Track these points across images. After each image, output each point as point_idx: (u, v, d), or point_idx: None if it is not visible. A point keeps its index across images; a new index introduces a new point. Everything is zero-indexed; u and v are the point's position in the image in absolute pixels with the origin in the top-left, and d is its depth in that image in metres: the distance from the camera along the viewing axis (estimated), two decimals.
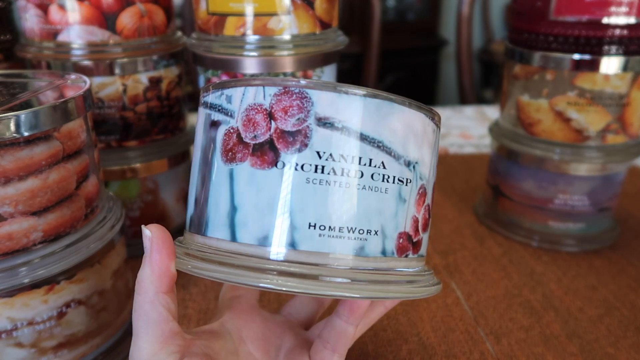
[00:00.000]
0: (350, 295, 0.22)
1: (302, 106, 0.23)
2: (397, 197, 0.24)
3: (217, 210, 0.24)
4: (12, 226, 0.29)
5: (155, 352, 0.24)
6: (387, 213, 0.24)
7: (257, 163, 0.23)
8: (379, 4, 1.33)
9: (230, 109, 0.24)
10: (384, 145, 0.23)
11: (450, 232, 0.55)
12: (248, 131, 0.23)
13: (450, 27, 2.26)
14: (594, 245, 0.52)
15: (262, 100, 0.23)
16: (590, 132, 0.48)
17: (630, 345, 0.39)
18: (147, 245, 0.25)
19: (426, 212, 0.26)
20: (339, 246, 0.23)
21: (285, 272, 0.22)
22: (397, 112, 0.24)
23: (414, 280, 0.25)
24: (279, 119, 0.23)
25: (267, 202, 0.23)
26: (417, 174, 0.25)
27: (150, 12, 0.45)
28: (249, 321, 0.31)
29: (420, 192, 0.25)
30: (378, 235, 0.23)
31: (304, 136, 0.23)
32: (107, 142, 0.46)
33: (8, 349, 0.31)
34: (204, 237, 0.25)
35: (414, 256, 0.25)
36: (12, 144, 0.28)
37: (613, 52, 0.45)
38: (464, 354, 0.38)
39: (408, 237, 0.25)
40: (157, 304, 0.24)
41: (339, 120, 0.23)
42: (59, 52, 0.43)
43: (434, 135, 0.26)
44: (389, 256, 0.24)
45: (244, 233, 0.23)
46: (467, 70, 1.32)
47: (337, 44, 0.44)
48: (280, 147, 0.23)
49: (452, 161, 0.75)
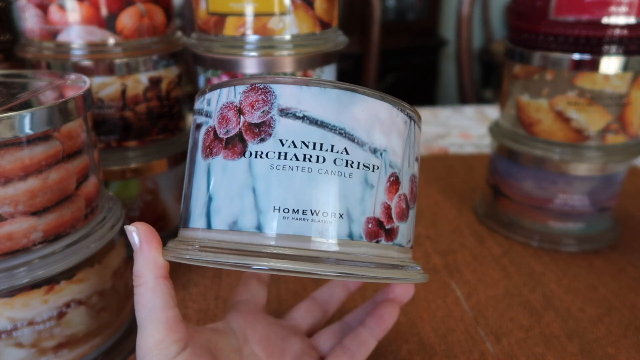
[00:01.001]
0: (323, 272, 0.23)
1: (267, 100, 0.24)
2: (362, 182, 0.25)
3: (197, 203, 0.26)
4: (12, 226, 0.29)
5: (161, 338, 0.25)
6: (352, 197, 0.24)
7: (228, 155, 0.25)
8: (379, 4, 1.33)
9: (209, 110, 0.26)
10: (346, 132, 0.25)
11: (450, 232, 0.55)
12: (222, 127, 0.25)
13: (450, 27, 2.26)
14: (594, 245, 0.52)
15: (233, 98, 0.25)
16: (590, 132, 0.48)
17: (630, 345, 0.39)
18: (135, 241, 0.26)
19: (401, 201, 0.26)
20: (303, 228, 0.24)
21: (255, 253, 0.23)
22: (358, 101, 0.25)
23: (399, 265, 0.26)
24: (247, 113, 0.25)
25: (236, 190, 0.24)
26: (385, 161, 0.26)
27: (150, 12, 0.45)
28: (254, 323, 0.31)
29: (391, 180, 0.26)
30: (343, 219, 0.24)
31: (268, 126, 0.24)
32: (107, 142, 0.46)
33: (8, 349, 0.31)
34: (187, 229, 0.26)
35: (388, 243, 0.26)
36: (12, 144, 0.28)
37: (613, 52, 0.45)
38: (464, 354, 0.38)
39: (378, 222, 0.25)
40: (158, 290, 0.25)
41: (300, 110, 0.24)
42: (59, 52, 0.43)
43: (406, 127, 0.27)
44: (357, 239, 0.25)
45: (217, 220, 0.25)
46: (467, 70, 1.32)
47: (337, 44, 0.44)
48: (247, 139, 0.25)
49: (452, 161, 0.75)
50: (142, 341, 0.25)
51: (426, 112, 0.99)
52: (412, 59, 2.20)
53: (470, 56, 1.32)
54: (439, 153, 0.79)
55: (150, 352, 0.25)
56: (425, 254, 0.51)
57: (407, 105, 0.27)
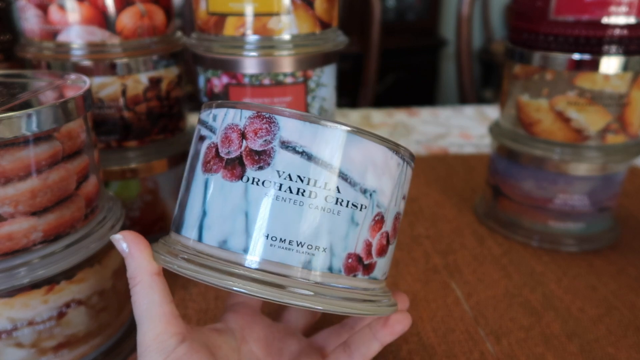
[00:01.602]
0: (295, 302, 0.24)
1: (270, 130, 0.25)
2: (349, 220, 0.26)
3: (192, 213, 0.27)
4: (12, 226, 0.29)
5: (160, 332, 0.26)
6: (337, 233, 0.26)
7: (227, 175, 0.26)
8: (379, 4, 1.33)
9: (214, 126, 0.27)
10: (341, 172, 0.26)
11: (450, 232, 0.55)
12: (224, 147, 0.26)
13: (450, 27, 2.26)
14: (594, 245, 0.52)
15: (239, 121, 0.26)
16: (590, 132, 0.48)
17: (630, 345, 0.39)
18: (123, 247, 0.27)
19: (383, 238, 0.28)
20: (287, 257, 0.25)
21: (238, 275, 0.25)
22: (358, 143, 0.26)
23: (371, 300, 0.27)
24: (250, 139, 0.26)
25: (229, 210, 0.25)
26: (373, 201, 0.27)
27: (150, 12, 0.45)
28: (252, 323, 0.31)
29: (376, 219, 0.27)
30: (326, 252, 0.25)
31: (268, 156, 0.25)
32: (107, 142, 0.46)
33: (8, 349, 0.31)
34: (178, 235, 0.28)
35: (364, 277, 0.27)
36: (12, 144, 0.28)
37: (613, 52, 0.45)
38: (464, 354, 0.38)
39: (358, 258, 0.27)
40: (154, 286, 0.26)
41: (300, 145, 0.25)
42: (59, 52, 0.43)
43: (398, 169, 0.28)
44: (336, 273, 0.26)
45: (208, 235, 0.26)
46: (467, 70, 1.32)
47: (337, 44, 0.44)
48: (247, 164, 0.25)
49: (452, 161, 0.75)
50: (141, 336, 0.26)
51: (426, 112, 0.99)
52: (412, 59, 2.20)
53: (470, 56, 1.32)
54: (439, 153, 0.79)
55: (149, 346, 0.26)
56: (425, 254, 0.51)
57: (402, 147, 0.28)
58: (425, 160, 0.75)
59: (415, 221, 0.57)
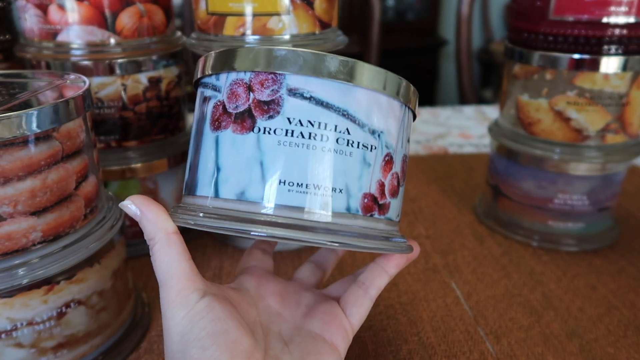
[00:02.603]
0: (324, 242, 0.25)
1: (276, 79, 0.26)
2: (361, 160, 0.27)
3: (205, 172, 0.27)
4: (11, 226, 0.29)
5: (182, 288, 0.26)
6: (351, 174, 0.26)
7: (237, 129, 0.26)
8: (378, 3, 1.33)
9: (218, 85, 0.28)
10: (349, 114, 0.26)
11: (450, 232, 0.55)
12: (231, 102, 0.27)
13: (449, 27, 2.26)
14: (594, 245, 0.52)
15: (244, 75, 0.27)
16: (590, 131, 0.48)
17: (630, 345, 0.39)
18: (134, 211, 0.27)
19: (394, 179, 0.29)
20: (305, 200, 0.26)
21: (258, 221, 0.25)
22: (361, 88, 0.27)
23: (387, 237, 0.28)
24: (257, 91, 0.26)
25: (244, 162, 0.26)
26: (382, 142, 0.27)
27: (150, 12, 0.45)
28: (265, 282, 0.32)
29: (386, 160, 0.28)
30: (342, 194, 0.26)
31: (277, 104, 0.26)
32: (106, 142, 0.46)
33: (8, 349, 0.31)
34: (193, 197, 0.28)
35: (380, 217, 0.28)
36: (12, 144, 0.28)
37: (612, 51, 0.45)
38: (463, 354, 0.38)
39: (373, 198, 0.27)
40: (172, 244, 0.27)
41: (307, 91, 0.26)
42: (59, 52, 0.43)
43: (402, 111, 0.29)
44: (354, 213, 0.27)
45: (225, 189, 0.26)
46: (467, 70, 1.32)
47: (337, 44, 0.44)
48: (256, 115, 0.26)
49: (452, 161, 0.75)
50: (164, 293, 0.26)
51: (426, 112, 0.99)
52: (412, 59, 2.20)
53: (469, 56, 1.32)
54: (438, 153, 0.79)
55: (173, 301, 0.26)
56: (425, 253, 0.51)
57: (403, 93, 0.28)
58: (425, 160, 0.75)
59: (415, 221, 0.57)
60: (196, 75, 0.30)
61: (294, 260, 0.49)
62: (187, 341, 0.25)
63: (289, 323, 0.30)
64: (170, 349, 0.26)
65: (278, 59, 0.26)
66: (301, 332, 0.30)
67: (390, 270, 0.32)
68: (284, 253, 0.50)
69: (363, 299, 0.31)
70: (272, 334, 0.29)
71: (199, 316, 0.26)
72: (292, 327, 0.30)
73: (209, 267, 0.48)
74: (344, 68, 0.26)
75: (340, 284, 0.34)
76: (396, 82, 0.28)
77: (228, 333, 0.26)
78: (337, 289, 0.34)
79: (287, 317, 0.31)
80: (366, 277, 0.32)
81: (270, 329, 0.29)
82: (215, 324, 0.26)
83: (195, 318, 0.26)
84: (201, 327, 0.26)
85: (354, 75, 0.26)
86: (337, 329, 0.30)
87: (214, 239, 0.52)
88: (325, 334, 0.30)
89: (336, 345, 0.29)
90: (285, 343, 0.29)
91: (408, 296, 0.44)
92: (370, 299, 0.31)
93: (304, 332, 0.30)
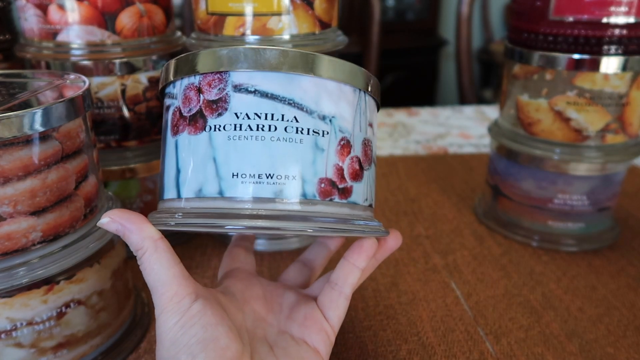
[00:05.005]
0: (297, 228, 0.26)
1: (222, 78, 0.27)
2: (313, 146, 0.27)
3: (169, 176, 0.29)
4: (11, 226, 0.29)
5: (174, 294, 0.26)
6: (304, 160, 0.27)
7: (191, 130, 0.27)
8: (378, 3, 1.33)
9: (174, 92, 0.29)
10: (295, 102, 0.27)
11: (450, 232, 0.55)
12: (185, 106, 0.28)
13: (449, 27, 2.26)
14: (594, 245, 0.52)
15: (194, 79, 0.28)
16: (590, 131, 0.48)
17: (630, 345, 0.39)
18: (116, 228, 0.27)
19: (354, 162, 0.29)
20: (260, 190, 0.26)
21: (222, 215, 0.26)
22: (306, 77, 0.27)
23: (355, 221, 0.28)
24: (205, 92, 0.27)
25: (199, 161, 0.27)
26: (334, 127, 0.28)
27: (150, 12, 0.45)
28: (250, 285, 0.33)
29: (342, 144, 0.28)
30: (296, 180, 0.27)
31: (224, 102, 0.27)
32: (106, 142, 0.46)
33: (7, 349, 0.31)
34: (163, 201, 0.29)
35: (342, 201, 0.28)
36: (11, 144, 0.28)
37: (612, 51, 0.45)
38: (463, 354, 0.38)
39: (331, 182, 0.28)
40: (160, 250, 0.27)
41: (251, 85, 0.27)
42: (58, 52, 0.43)
43: (355, 95, 0.29)
44: (310, 198, 0.27)
45: (185, 189, 0.27)
46: (467, 70, 1.32)
47: (337, 44, 0.44)
48: (207, 114, 0.27)
49: (451, 161, 0.75)
50: (157, 300, 0.27)
51: (426, 112, 0.99)
52: (411, 59, 2.20)
53: (469, 56, 1.32)
54: (438, 153, 0.79)
55: (165, 307, 0.26)
56: (425, 253, 0.51)
57: (355, 78, 0.29)
58: (425, 160, 0.75)
59: (415, 221, 0.57)
60: (160, 86, 0.31)
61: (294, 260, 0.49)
62: (177, 347, 0.26)
63: (273, 327, 0.31)
64: (161, 354, 0.26)
65: (221, 58, 0.27)
66: (285, 336, 0.30)
67: (360, 264, 0.31)
68: (284, 253, 0.50)
69: (338, 300, 0.31)
70: (257, 338, 0.29)
71: (191, 322, 0.26)
72: (276, 331, 0.31)
73: (209, 267, 0.48)
74: (285, 59, 0.26)
75: (321, 281, 0.34)
76: (345, 69, 0.28)
77: (218, 340, 0.26)
78: (318, 287, 0.34)
79: (272, 321, 0.31)
80: (338, 277, 0.31)
81: (255, 334, 0.30)
82: (206, 330, 0.26)
83: (187, 324, 0.26)
84: (192, 333, 0.26)
85: (296, 66, 0.27)
86: (317, 333, 0.30)
87: (213, 239, 0.52)
88: (307, 339, 0.30)
89: (318, 350, 0.30)
90: (270, 347, 0.29)
91: (408, 296, 0.44)
92: (345, 298, 0.31)
93: (287, 336, 0.30)
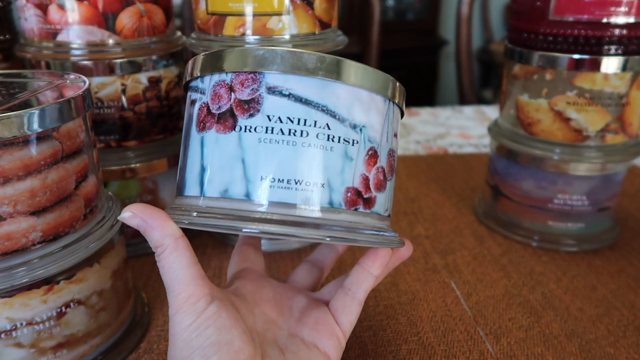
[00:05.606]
0: (312, 236, 0.26)
1: (256, 78, 0.27)
2: (342, 155, 0.27)
3: (192, 172, 0.28)
4: (11, 226, 0.29)
5: (190, 295, 0.26)
6: (332, 169, 0.27)
7: (220, 129, 0.27)
8: (378, 3, 1.33)
9: (203, 87, 0.28)
10: (328, 109, 0.27)
11: (450, 232, 0.55)
12: (214, 103, 0.27)
13: (449, 27, 2.26)
14: (594, 245, 0.52)
15: (225, 76, 0.27)
16: (590, 131, 0.48)
17: (630, 345, 0.39)
18: (138, 223, 0.27)
19: (379, 173, 0.29)
20: (287, 196, 0.26)
21: (242, 218, 0.26)
22: (340, 84, 0.27)
23: (375, 232, 0.28)
24: (237, 91, 0.27)
25: (227, 161, 0.27)
26: (364, 136, 0.28)
27: (150, 12, 0.45)
28: (260, 287, 0.32)
29: (369, 154, 0.28)
30: (324, 188, 0.26)
31: (257, 103, 0.26)
32: (106, 142, 0.46)
33: (7, 349, 0.31)
34: (182, 197, 0.29)
35: (366, 211, 0.28)
36: (11, 144, 0.28)
37: (612, 51, 0.45)
38: (463, 354, 0.38)
39: (357, 192, 0.28)
40: (180, 249, 0.27)
41: (286, 88, 0.26)
42: (59, 52, 0.43)
43: (385, 105, 0.29)
44: (337, 207, 0.27)
45: (210, 188, 0.27)
46: (467, 70, 1.32)
47: (337, 44, 0.44)
48: (237, 114, 0.27)
49: (451, 161, 0.75)
50: (172, 299, 0.26)
51: (426, 112, 0.99)
52: (411, 59, 2.20)
53: (469, 56, 1.32)
54: (438, 153, 0.79)
55: (180, 308, 0.26)
56: (425, 253, 0.51)
57: (385, 88, 0.29)
58: (425, 160, 0.75)
59: (415, 221, 0.57)
60: (185, 79, 0.30)
61: (294, 260, 0.49)
62: (190, 349, 0.26)
63: (284, 330, 0.31)
64: (174, 354, 0.26)
65: (256, 58, 0.26)
66: (295, 340, 0.30)
67: (375, 271, 0.31)
68: (284, 253, 0.50)
69: (351, 305, 0.31)
70: (268, 341, 0.29)
71: (205, 324, 0.26)
72: (287, 334, 0.30)
73: (209, 267, 0.48)
74: (322, 64, 0.26)
75: (332, 285, 0.34)
76: (378, 77, 0.28)
77: (232, 343, 0.26)
78: (329, 291, 0.34)
79: (282, 324, 0.31)
80: (352, 282, 0.31)
81: (265, 337, 0.30)
82: (220, 332, 0.26)
83: (202, 326, 0.26)
84: (206, 335, 0.26)
85: (332, 71, 0.26)
86: (329, 338, 0.30)
87: (214, 239, 0.52)
88: (318, 343, 0.30)
89: (329, 355, 0.30)
90: (280, 350, 0.29)
91: (408, 296, 0.44)
92: (358, 304, 0.31)
93: (297, 339, 0.30)
